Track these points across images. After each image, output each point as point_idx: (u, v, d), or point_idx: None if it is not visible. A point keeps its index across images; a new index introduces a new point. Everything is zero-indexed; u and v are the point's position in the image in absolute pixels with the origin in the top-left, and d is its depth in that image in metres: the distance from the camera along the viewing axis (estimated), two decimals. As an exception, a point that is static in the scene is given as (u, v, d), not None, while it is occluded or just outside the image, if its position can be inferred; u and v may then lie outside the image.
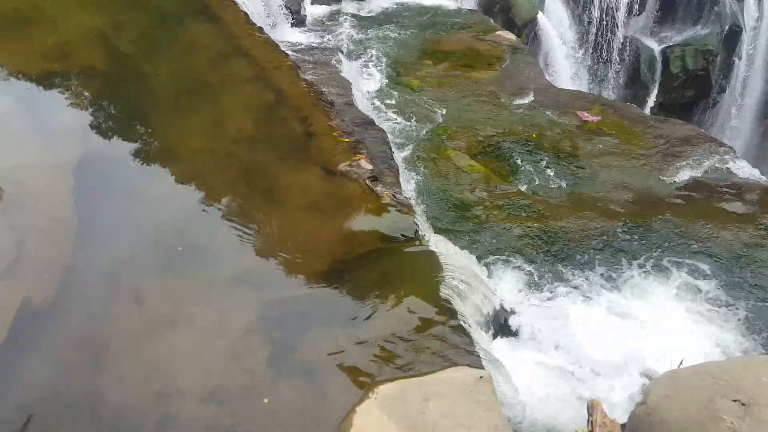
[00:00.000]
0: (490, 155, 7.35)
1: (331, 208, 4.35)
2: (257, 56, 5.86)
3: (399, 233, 4.13)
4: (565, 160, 7.25)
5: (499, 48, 9.59)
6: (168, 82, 5.63)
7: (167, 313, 3.53)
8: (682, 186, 6.87)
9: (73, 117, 5.04)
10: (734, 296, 5.46)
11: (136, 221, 4.16)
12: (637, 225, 6.22)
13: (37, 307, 3.43)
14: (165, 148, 4.92)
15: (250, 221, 4.21)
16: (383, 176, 4.87)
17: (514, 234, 6.12)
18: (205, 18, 6.54)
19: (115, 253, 3.85)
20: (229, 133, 4.96)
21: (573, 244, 5.97)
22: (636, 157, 7.28)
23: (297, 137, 4.97)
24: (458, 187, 6.72)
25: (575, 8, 14.48)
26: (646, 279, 5.62)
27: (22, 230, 3.89)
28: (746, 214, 6.44)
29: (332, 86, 6.69)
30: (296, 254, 3.98)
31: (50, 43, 5.91)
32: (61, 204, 4.14)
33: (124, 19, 6.48)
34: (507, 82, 8.82)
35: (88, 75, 5.56)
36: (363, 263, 3.92)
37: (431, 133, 7.58)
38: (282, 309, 3.64)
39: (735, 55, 16.64)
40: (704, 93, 16.73)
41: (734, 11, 16.09)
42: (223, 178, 4.60)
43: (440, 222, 6.16)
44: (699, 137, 7.67)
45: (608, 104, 8.70)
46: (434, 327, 3.47)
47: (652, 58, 15.94)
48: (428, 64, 9.14)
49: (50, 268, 3.71)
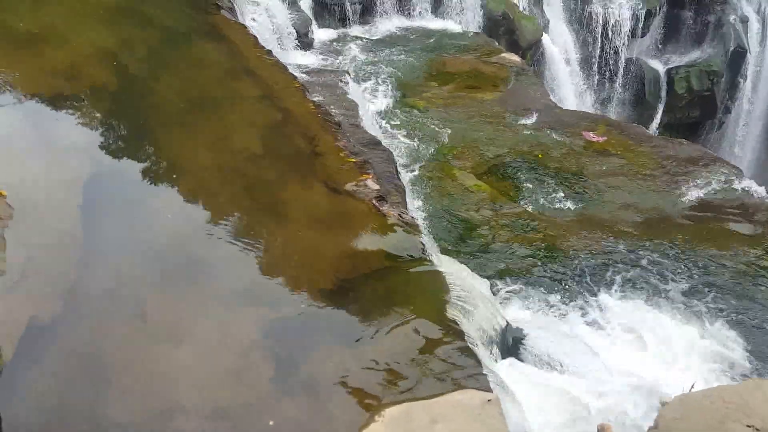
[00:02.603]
0: (496, 175, 7.37)
1: (337, 227, 4.36)
2: (265, 77, 5.94)
3: (405, 252, 4.12)
4: (571, 180, 7.26)
5: (504, 69, 9.69)
6: (176, 99, 5.71)
7: (171, 329, 3.52)
8: (690, 206, 6.84)
9: (82, 133, 5.11)
10: (743, 317, 5.39)
11: (141, 236, 4.18)
12: (645, 245, 6.19)
13: (43, 323, 3.44)
14: (172, 165, 4.96)
15: (256, 237, 4.22)
16: (389, 196, 4.89)
17: (521, 254, 6.09)
18: (213, 39, 6.65)
19: (120, 268, 3.87)
20: (237, 150, 5.00)
21: (580, 265, 5.94)
22: (642, 177, 7.28)
23: (304, 156, 5.01)
24: (464, 207, 6.73)
25: (579, 30, 14.64)
26: (654, 300, 5.57)
27: (30, 246, 3.91)
28: (754, 235, 6.40)
29: (339, 107, 6.76)
30: (301, 271, 3.98)
31: (60, 61, 6.02)
32: (69, 219, 4.17)
33: (133, 38, 6.60)
34: (512, 102, 8.89)
35: (96, 92, 5.65)
36: (369, 282, 3.91)
37: (437, 152, 7.63)
38: (286, 326, 3.63)
39: (740, 76, 16.70)
40: (710, 113, 16.77)
41: (738, 33, 16.20)
42: (229, 194, 4.62)
43: (446, 241, 6.15)
44: (705, 157, 7.67)
45: (613, 124, 8.74)
46: (441, 348, 3.43)
47: (657, 79, 16.04)
48: (434, 86, 9.24)
49: (57, 283, 3.72)
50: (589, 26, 14.62)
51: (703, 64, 16.07)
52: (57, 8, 7.11)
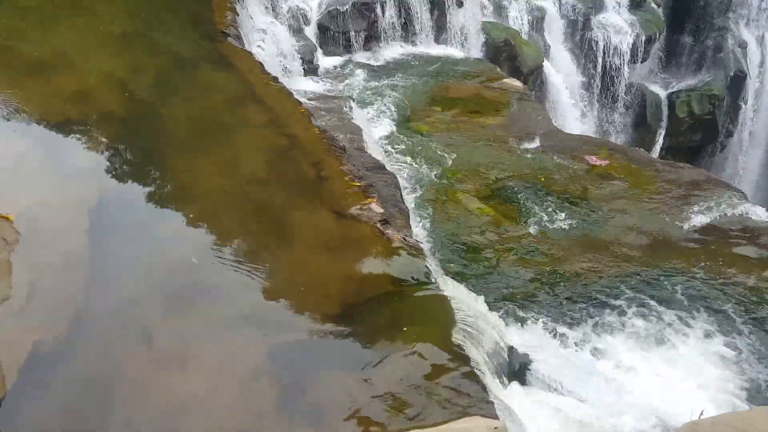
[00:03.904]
0: (499, 198, 7.38)
1: (342, 251, 4.37)
2: (271, 103, 6.03)
3: (410, 276, 4.12)
4: (575, 204, 7.27)
5: (506, 95, 9.79)
6: (183, 125, 5.79)
7: (176, 353, 3.51)
8: (695, 230, 6.82)
9: (91, 158, 5.18)
10: (752, 342, 5.34)
11: (148, 260, 4.20)
12: (650, 270, 6.16)
13: (47, 347, 3.43)
14: (179, 189, 5.01)
15: (261, 262, 4.23)
16: (394, 219, 4.91)
17: (526, 278, 6.07)
18: (221, 66, 6.78)
19: (126, 292, 3.87)
20: (243, 175, 5.05)
21: (586, 289, 5.91)
22: (646, 201, 7.28)
23: (309, 180, 5.05)
24: (468, 230, 6.73)
25: (580, 56, 14.84)
26: (660, 325, 5.52)
27: (36, 269, 3.93)
28: (760, 258, 6.36)
29: (344, 132, 6.83)
30: (306, 296, 3.98)
31: (69, 87, 6.13)
32: (76, 243, 4.20)
33: (142, 64, 6.73)
34: (514, 127, 8.95)
35: (105, 118, 5.74)
36: (373, 306, 3.90)
37: (441, 176, 7.67)
38: (291, 351, 3.61)
39: (741, 100, 16.84)
40: (711, 137, 16.86)
41: (738, 57, 16.40)
42: (236, 218, 4.65)
43: (451, 265, 6.14)
44: (709, 181, 7.67)
45: (616, 148, 8.77)
46: (446, 374, 3.41)
47: (658, 103, 16.17)
48: (437, 110, 9.33)
49: (62, 307, 3.73)
50: (589, 52, 14.82)
51: (703, 89, 16.22)
52: (67, 35, 7.27)
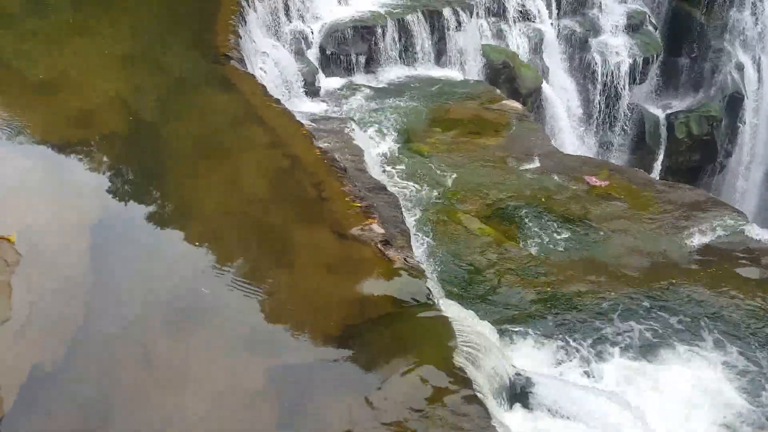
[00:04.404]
0: (500, 218, 7.39)
1: (343, 272, 4.36)
2: (273, 124, 6.08)
3: (411, 297, 4.11)
4: (576, 224, 7.26)
5: (506, 116, 9.86)
6: (186, 146, 5.83)
7: (176, 375, 3.48)
8: (696, 251, 6.80)
9: (93, 178, 5.21)
10: (754, 365, 5.28)
11: (148, 281, 4.19)
12: (652, 291, 6.13)
13: (46, 370, 3.40)
14: (180, 209, 5.03)
15: (262, 283, 4.22)
16: (395, 240, 4.90)
17: (527, 298, 6.04)
18: (224, 88, 6.85)
19: (126, 313, 3.86)
20: (245, 196, 5.07)
21: (588, 311, 5.87)
22: (647, 222, 7.28)
23: (310, 201, 5.07)
24: (469, 251, 6.72)
25: (578, 77, 15.00)
26: (663, 348, 5.47)
27: (36, 291, 3.93)
28: (762, 279, 6.34)
29: (345, 153, 6.87)
30: (307, 317, 3.96)
31: (73, 108, 6.20)
32: (77, 264, 4.19)
33: (145, 86, 6.80)
34: (514, 147, 9.00)
35: (108, 139, 5.78)
36: (375, 328, 3.88)
37: (441, 196, 7.68)
38: (293, 373, 3.58)
39: (739, 121, 16.97)
40: (710, 157, 16.94)
41: (735, 79, 16.57)
42: (237, 239, 4.65)
43: (452, 286, 6.11)
44: (709, 202, 7.68)
45: (616, 169, 8.80)
46: (448, 396, 3.37)
47: (657, 124, 16.30)
48: (437, 131, 9.39)
49: (62, 329, 3.71)
50: (587, 73, 14.99)
51: (702, 110, 16.36)
52: (71, 57, 7.37)
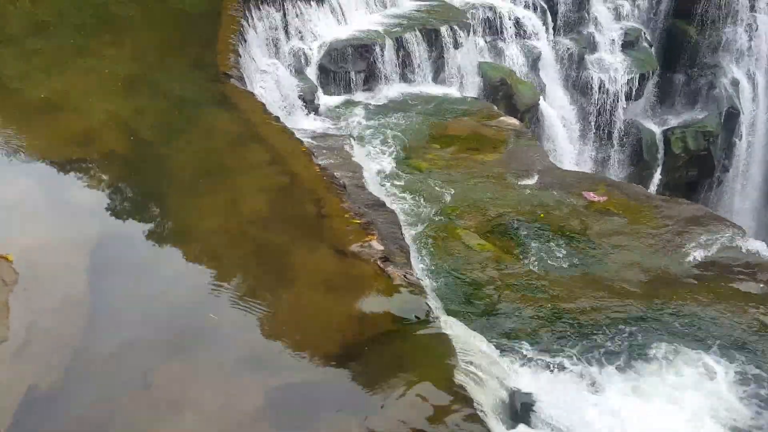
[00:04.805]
0: (499, 234, 7.39)
1: (343, 289, 4.35)
2: (273, 142, 6.12)
3: (411, 314, 4.09)
4: (575, 240, 7.27)
5: (504, 132, 9.92)
6: (186, 165, 5.85)
7: (174, 397, 3.45)
8: (695, 266, 6.80)
9: (93, 198, 5.21)
10: (756, 380, 5.24)
11: (148, 301, 4.17)
12: (652, 306, 6.11)
13: (43, 391, 3.37)
14: (180, 229, 5.03)
15: (262, 302, 4.20)
16: (394, 257, 4.90)
17: (527, 315, 6.01)
18: (224, 106, 6.90)
19: (125, 334, 3.83)
20: (244, 214, 5.08)
21: (588, 327, 5.84)
22: (645, 237, 7.28)
23: (310, 218, 5.07)
24: (469, 267, 6.70)
25: (575, 94, 15.14)
26: (665, 364, 5.44)
27: (34, 311, 3.90)
28: (763, 294, 6.32)
29: (344, 170, 6.90)
30: (307, 336, 3.94)
31: (74, 128, 6.23)
32: (76, 283, 4.18)
33: (145, 106, 6.85)
34: (512, 163, 9.04)
35: (108, 158, 5.80)
36: (375, 346, 3.85)
37: (440, 213, 7.69)
38: (291, 394, 3.55)
39: (735, 136, 17.10)
40: (708, 172, 17.03)
41: (730, 95, 16.74)
42: (237, 258, 4.64)
43: (452, 302, 6.09)
44: (707, 217, 7.69)
45: (613, 184, 8.82)
46: (449, 416, 3.34)
47: (654, 140, 16.41)
48: (436, 148, 9.44)
49: (59, 350, 3.68)
50: (584, 90, 15.13)
51: (698, 125, 16.49)
52: (72, 78, 7.43)
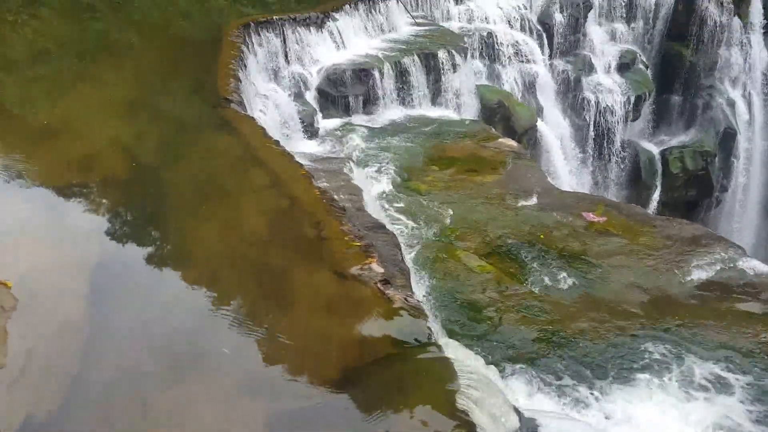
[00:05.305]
0: (500, 255, 7.38)
1: (343, 312, 4.33)
2: (273, 166, 6.16)
3: (412, 338, 4.06)
4: (575, 261, 7.26)
5: (502, 154, 9.99)
6: (186, 189, 5.88)
7: (174, 424, 3.40)
8: (696, 286, 6.78)
9: (93, 223, 5.22)
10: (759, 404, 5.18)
11: (147, 326, 4.14)
12: (654, 327, 6.08)
13: (40, 420, 3.33)
14: (180, 252, 5.02)
15: (261, 326, 4.18)
16: (394, 279, 4.88)
17: (529, 337, 5.98)
18: (224, 131, 6.96)
19: (124, 361, 3.80)
20: (245, 237, 5.08)
21: (589, 349, 5.80)
22: (646, 257, 7.27)
23: (310, 241, 5.07)
24: (469, 288, 6.68)
25: (572, 116, 15.29)
26: (665, 384, 5.38)
27: (32, 338, 3.87)
28: (764, 314, 6.29)
29: (344, 192, 6.92)
30: (307, 360, 3.90)
31: (75, 153, 6.28)
32: (75, 309, 4.16)
33: (146, 130, 6.91)
34: (511, 185, 9.08)
35: (109, 182, 5.83)
36: (375, 370, 3.82)
37: (440, 234, 7.70)
38: (291, 420, 3.50)
39: (733, 156, 17.23)
40: (706, 192, 17.11)
41: (726, 115, 16.92)
42: (237, 281, 4.63)
43: (453, 325, 6.06)
44: (707, 237, 7.69)
45: (612, 205, 8.85)
46: (452, 441, 3.29)
47: (652, 160, 16.52)
48: (435, 170, 9.49)
49: (58, 377, 3.65)
50: (581, 112, 15.29)
51: (695, 145, 16.63)
52: (73, 103, 7.52)
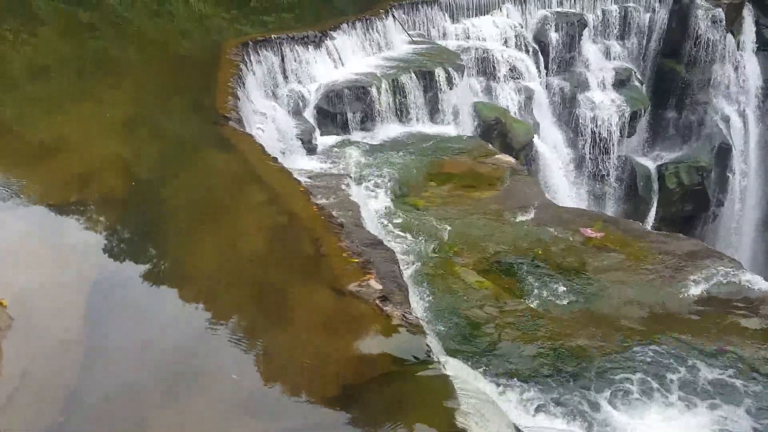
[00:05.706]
0: (498, 271, 7.37)
1: (341, 330, 4.31)
2: (271, 182, 6.17)
3: (410, 355, 4.04)
4: (573, 276, 7.25)
5: (499, 170, 10.02)
6: (185, 206, 5.88)
7: (170, 445, 3.36)
8: (694, 301, 6.77)
9: (91, 240, 5.21)
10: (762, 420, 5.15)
11: (145, 344, 4.12)
12: (653, 343, 6.05)
13: (34, 441, 3.29)
14: (178, 270, 5.01)
15: (259, 344, 4.15)
16: (393, 295, 4.87)
17: (528, 353, 5.94)
18: (223, 148, 6.99)
19: (121, 379, 3.76)
20: (244, 254, 5.07)
21: (589, 364, 5.77)
22: (644, 273, 7.27)
23: (308, 258, 5.07)
24: (468, 304, 6.66)
25: (568, 132, 15.41)
26: (668, 400, 5.35)
27: (28, 357, 3.84)
28: (763, 329, 6.27)
29: (342, 209, 6.93)
30: (305, 379, 3.87)
31: (74, 171, 6.28)
32: (72, 327, 4.13)
33: (145, 148, 6.93)
34: (509, 200, 9.10)
35: (107, 199, 5.84)
36: (374, 388, 3.79)
37: (438, 250, 7.69)
38: (289, 440, 3.47)
39: (728, 171, 17.33)
40: (703, 207, 17.18)
41: (722, 130, 17.06)
42: (235, 298, 4.61)
43: (452, 341, 6.02)
44: (704, 251, 7.70)
45: (610, 220, 8.86)
46: (452, 459, 3.26)
47: (648, 175, 16.61)
48: (432, 186, 9.52)
49: (54, 396, 3.61)
50: (577, 128, 15.41)
51: (691, 160, 16.74)
52: (72, 121, 7.55)
